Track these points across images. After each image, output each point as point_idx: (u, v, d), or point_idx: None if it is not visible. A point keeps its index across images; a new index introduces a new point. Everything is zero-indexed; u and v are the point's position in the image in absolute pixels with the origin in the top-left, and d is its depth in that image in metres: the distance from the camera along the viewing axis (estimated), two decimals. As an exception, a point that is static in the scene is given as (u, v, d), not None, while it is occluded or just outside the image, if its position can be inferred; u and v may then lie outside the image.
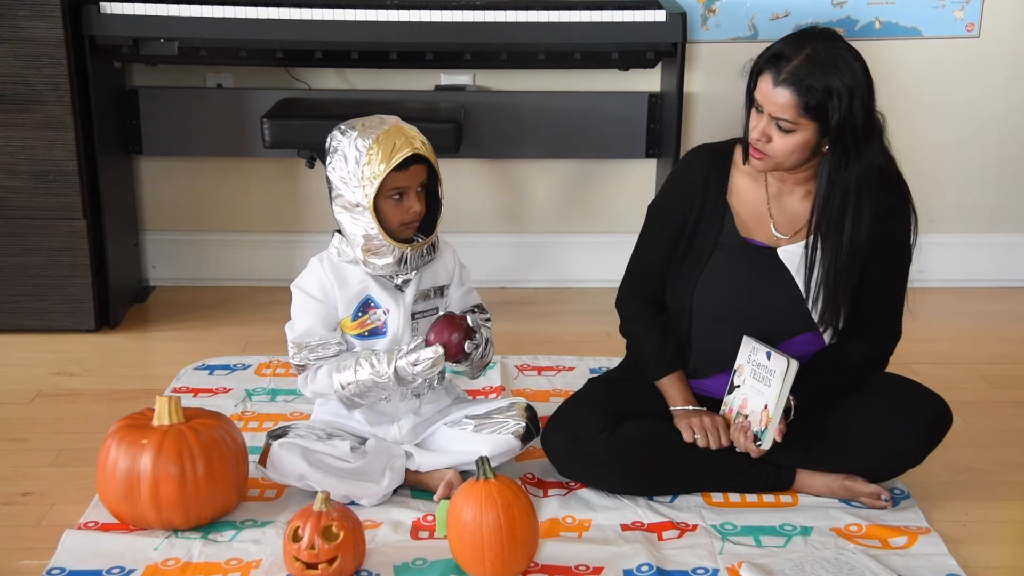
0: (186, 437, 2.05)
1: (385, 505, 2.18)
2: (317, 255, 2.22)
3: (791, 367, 2.06)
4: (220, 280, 3.52)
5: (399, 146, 2.08)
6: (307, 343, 2.18)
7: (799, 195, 2.19)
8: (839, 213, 2.11)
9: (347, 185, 2.11)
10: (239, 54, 3.11)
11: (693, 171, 2.25)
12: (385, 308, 2.19)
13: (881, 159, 2.11)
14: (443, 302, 2.28)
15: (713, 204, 2.22)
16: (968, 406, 2.60)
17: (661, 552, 2.05)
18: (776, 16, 3.32)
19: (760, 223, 2.21)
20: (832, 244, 2.13)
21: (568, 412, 2.28)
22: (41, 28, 2.88)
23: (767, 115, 2.07)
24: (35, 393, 2.75)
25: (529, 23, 2.99)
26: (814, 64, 2.02)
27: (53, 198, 3.00)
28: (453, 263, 2.28)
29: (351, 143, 2.10)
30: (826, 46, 2.05)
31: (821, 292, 2.16)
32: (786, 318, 2.20)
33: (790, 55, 2.04)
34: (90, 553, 2.02)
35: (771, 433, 2.11)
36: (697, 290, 2.22)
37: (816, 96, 2.02)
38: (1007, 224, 3.57)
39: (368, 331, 2.20)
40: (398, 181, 2.11)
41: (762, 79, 2.07)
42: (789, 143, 2.07)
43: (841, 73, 2.02)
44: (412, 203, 2.13)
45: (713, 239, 2.22)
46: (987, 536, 2.17)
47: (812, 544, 2.08)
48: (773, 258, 2.20)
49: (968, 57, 3.39)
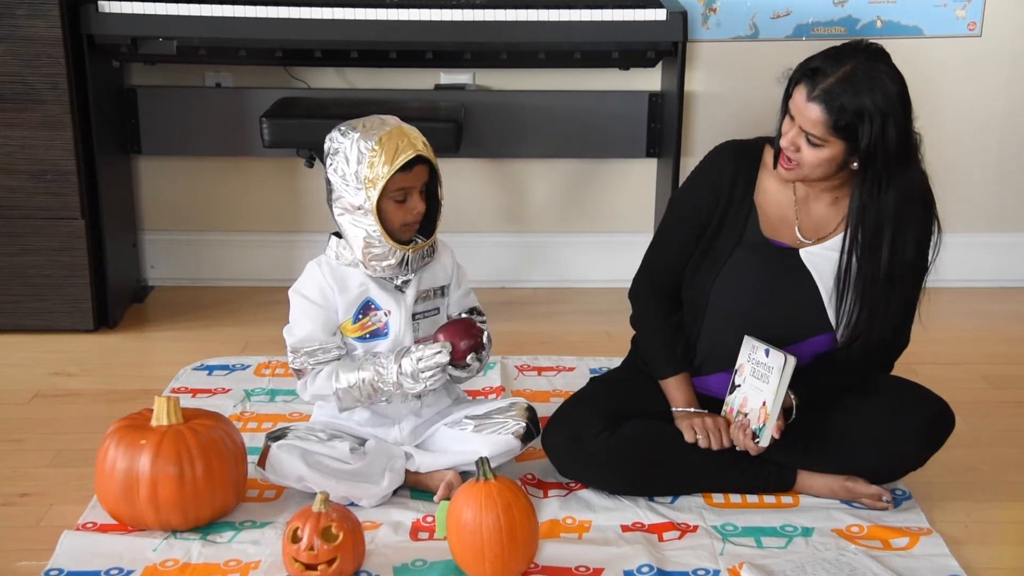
0: (185, 438, 2.05)
1: (385, 506, 2.17)
2: (315, 259, 2.21)
3: (788, 363, 2.06)
4: (219, 280, 3.51)
5: (402, 148, 2.07)
6: (307, 348, 2.17)
7: (826, 201, 2.19)
8: (875, 238, 2.09)
9: (348, 187, 2.10)
10: (238, 53, 3.10)
11: (721, 169, 2.23)
12: (386, 309, 2.19)
13: (919, 180, 2.10)
14: (444, 302, 2.27)
15: (739, 203, 2.21)
16: (970, 406, 2.59)
17: (662, 553, 2.04)
18: (777, 15, 3.31)
19: (785, 224, 2.21)
20: (868, 270, 2.11)
21: (568, 412, 2.27)
22: (39, 27, 2.87)
23: (798, 126, 2.06)
24: (33, 393, 2.74)
25: (529, 22, 2.98)
26: (849, 84, 2.00)
27: (51, 198, 2.99)
28: (451, 263, 2.28)
29: (353, 144, 2.09)
30: (866, 66, 2.01)
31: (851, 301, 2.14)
32: (802, 320, 2.19)
33: (827, 71, 2.02)
34: (88, 554, 2.01)
35: (769, 429, 2.11)
36: (715, 287, 2.21)
37: (846, 117, 2.00)
38: (1009, 224, 3.57)
39: (369, 333, 2.19)
40: (402, 182, 2.10)
41: (797, 90, 2.05)
42: (816, 156, 2.06)
43: (875, 96, 1.99)
44: (415, 204, 2.13)
45: (736, 237, 2.20)
46: (989, 537, 2.17)
47: (813, 545, 2.08)
48: (795, 259, 2.19)
49: (970, 56, 3.39)
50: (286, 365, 2.86)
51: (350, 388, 2.15)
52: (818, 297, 2.17)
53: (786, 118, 2.09)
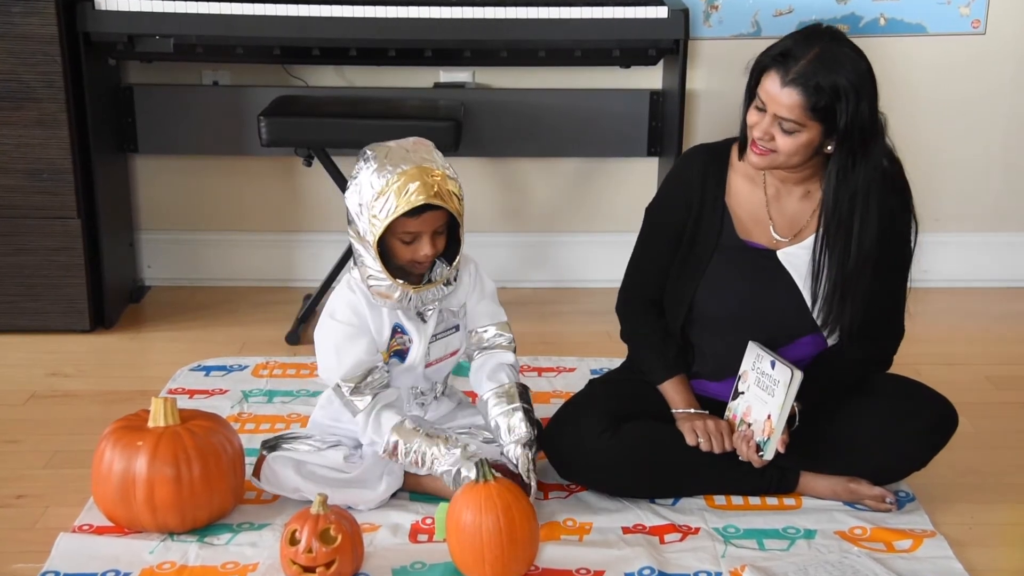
0: (182, 439, 2.04)
1: (383, 508, 2.17)
2: (346, 282, 2.15)
3: (795, 378, 2.05)
4: (216, 280, 3.50)
5: (414, 192, 1.97)
6: (360, 376, 2.09)
7: (798, 195, 2.18)
8: (848, 215, 2.10)
9: (360, 218, 2.05)
10: (236, 51, 3.10)
11: (691, 171, 2.23)
12: (410, 336, 2.15)
13: (884, 159, 2.10)
14: (463, 320, 2.24)
15: (712, 205, 2.21)
16: (973, 408, 2.58)
17: (663, 555, 2.04)
18: (779, 12, 3.30)
19: (759, 225, 2.20)
20: (841, 248, 2.12)
21: (569, 414, 2.26)
22: (35, 24, 2.86)
23: (771, 115, 2.05)
24: (29, 394, 2.74)
25: (529, 19, 2.97)
26: (822, 64, 2.00)
27: (47, 197, 2.98)
28: (470, 280, 2.22)
29: (369, 176, 2.01)
30: (832, 45, 2.03)
31: (833, 297, 2.14)
32: (788, 321, 2.19)
33: (798, 54, 2.02)
34: (85, 556, 2.01)
35: (774, 444, 2.10)
36: (698, 294, 2.21)
37: (824, 97, 2.00)
38: (1013, 223, 3.56)
39: (394, 352, 2.16)
40: (410, 227, 2.03)
41: (768, 78, 2.05)
42: (792, 143, 2.06)
43: (849, 73, 2.01)
44: (423, 247, 2.05)
45: (712, 241, 2.20)
46: (993, 539, 2.16)
47: (816, 547, 2.07)
48: (773, 261, 2.19)
49: (974, 54, 3.37)
50: (284, 366, 2.86)
51: (410, 452, 2.07)
52: (800, 298, 2.17)
53: (751, 109, 2.09)
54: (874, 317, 2.18)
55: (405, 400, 2.21)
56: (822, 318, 2.17)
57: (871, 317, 2.17)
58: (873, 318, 2.18)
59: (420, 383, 2.22)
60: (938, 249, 3.37)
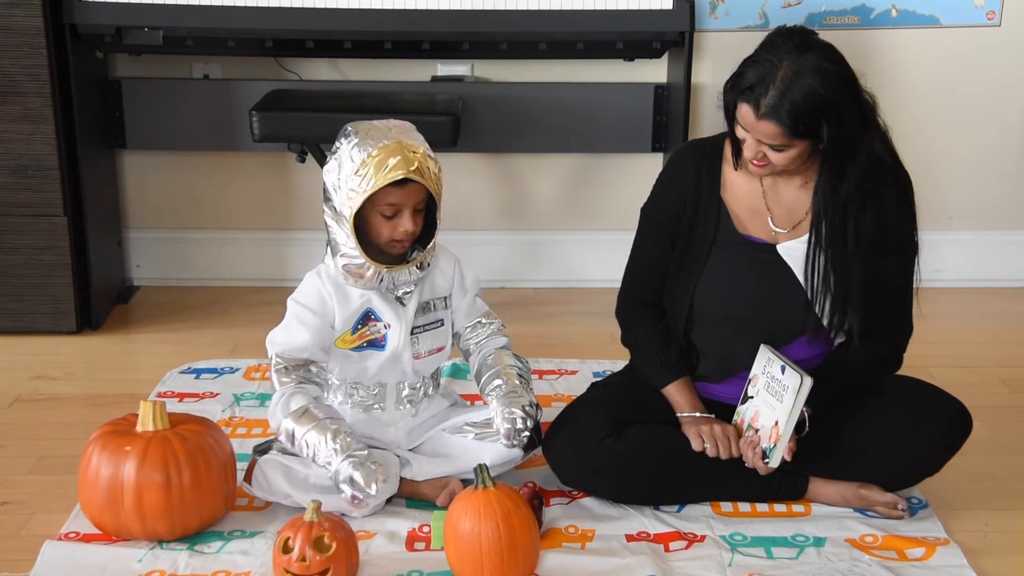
0: (171, 444, 2.03)
1: (379, 515, 2.15)
2: (315, 270, 2.18)
3: (804, 384, 2.04)
4: (207, 280, 3.50)
5: (394, 166, 2.01)
6: (295, 361, 2.11)
7: (795, 185, 2.17)
8: (843, 209, 2.08)
9: (337, 193, 2.06)
10: (227, 44, 3.10)
11: (683, 167, 2.23)
12: (386, 322, 2.15)
13: (879, 147, 2.08)
14: (447, 313, 2.24)
15: (707, 200, 2.20)
16: (987, 411, 2.56)
17: (668, 564, 2.02)
18: (788, 4, 3.29)
19: (757, 218, 2.19)
20: (838, 243, 2.10)
21: (570, 418, 2.24)
22: (19, 16, 2.85)
23: (755, 139, 2.05)
24: (13, 398, 2.72)
25: (530, 11, 2.97)
26: (791, 88, 1.97)
27: (32, 194, 2.98)
28: (453, 270, 2.23)
29: (348, 151, 2.04)
30: (798, 60, 1.99)
31: (829, 294, 2.13)
32: (790, 317, 2.17)
33: (764, 82, 1.99)
34: (71, 565, 1.99)
35: (780, 451, 2.09)
36: (698, 291, 2.20)
37: (803, 122, 1.99)
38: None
39: (367, 342, 2.15)
40: (393, 197, 2.05)
41: (742, 110, 2.04)
42: (785, 158, 2.07)
43: (822, 88, 1.98)
44: (403, 222, 2.07)
45: (710, 237, 2.19)
46: (1008, 547, 2.14)
47: (825, 556, 2.05)
48: (773, 255, 2.17)
49: (989, 47, 3.36)
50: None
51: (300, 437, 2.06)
52: (802, 293, 2.16)
53: (737, 126, 2.08)
54: (880, 314, 2.15)
55: (393, 400, 2.20)
56: (826, 316, 2.15)
57: (877, 314, 2.15)
58: (879, 315, 2.15)
59: (409, 378, 2.21)
60: (950, 248, 3.38)
